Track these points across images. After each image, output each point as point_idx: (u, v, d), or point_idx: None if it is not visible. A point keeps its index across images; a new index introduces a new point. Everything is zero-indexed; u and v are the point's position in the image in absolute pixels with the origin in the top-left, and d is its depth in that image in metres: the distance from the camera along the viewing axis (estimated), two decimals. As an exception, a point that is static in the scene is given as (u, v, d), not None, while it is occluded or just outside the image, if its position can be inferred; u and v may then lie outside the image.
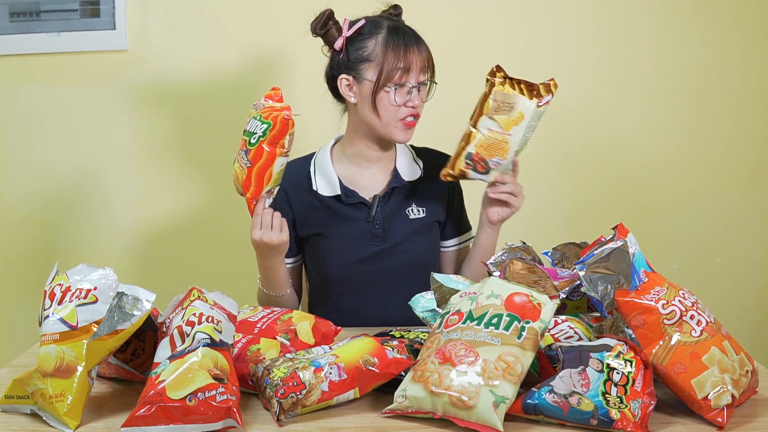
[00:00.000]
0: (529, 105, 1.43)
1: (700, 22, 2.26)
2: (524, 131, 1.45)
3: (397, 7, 1.60)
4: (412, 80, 1.52)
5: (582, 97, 2.27)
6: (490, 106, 1.43)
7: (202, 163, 2.30)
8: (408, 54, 1.51)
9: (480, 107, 1.46)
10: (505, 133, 1.44)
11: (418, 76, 1.53)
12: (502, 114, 1.43)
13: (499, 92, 1.43)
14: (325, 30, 1.54)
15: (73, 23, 2.22)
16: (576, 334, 1.19)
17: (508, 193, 1.51)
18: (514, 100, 1.42)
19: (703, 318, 1.09)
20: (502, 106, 1.43)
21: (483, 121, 1.45)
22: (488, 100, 1.44)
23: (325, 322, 1.31)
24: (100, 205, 2.31)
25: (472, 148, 1.46)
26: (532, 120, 1.45)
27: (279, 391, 1.05)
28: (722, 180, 2.32)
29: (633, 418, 1.00)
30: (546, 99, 1.44)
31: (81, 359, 1.05)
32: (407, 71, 1.51)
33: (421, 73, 1.53)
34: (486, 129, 1.44)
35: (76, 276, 1.11)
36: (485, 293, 1.10)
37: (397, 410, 1.06)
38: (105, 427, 1.05)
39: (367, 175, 1.63)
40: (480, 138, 1.45)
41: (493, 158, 1.46)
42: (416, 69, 1.52)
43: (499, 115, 1.43)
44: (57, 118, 2.28)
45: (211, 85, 2.26)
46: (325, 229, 1.61)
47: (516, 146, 1.46)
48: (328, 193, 1.61)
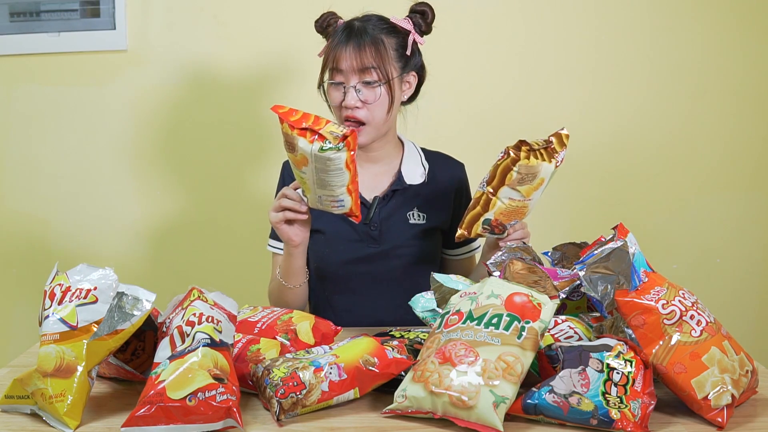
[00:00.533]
0: (549, 168, 1.39)
1: (700, 22, 2.26)
2: (542, 192, 1.42)
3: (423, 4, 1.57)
4: (348, 80, 1.50)
5: (582, 97, 2.27)
6: (514, 178, 1.37)
7: (202, 163, 2.30)
8: (339, 53, 1.49)
9: (501, 177, 1.38)
10: (525, 200, 1.40)
11: (356, 77, 1.49)
12: (525, 185, 1.38)
13: (524, 165, 1.36)
14: (325, 31, 1.56)
15: (73, 23, 2.22)
16: (576, 334, 1.19)
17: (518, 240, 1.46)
18: (537, 169, 1.37)
19: (703, 318, 1.09)
20: (526, 177, 1.37)
21: (504, 191, 1.39)
22: (512, 173, 1.37)
23: (325, 322, 1.31)
24: (100, 205, 2.31)
25: (491, 215, 1.41)
26: (549, 180, 1.42)
27: (279, 391, 1.05)
28: (722, 180, 2.32)
29: (633, 418, 1.00)
30: (561, 156, 1.40)
31: (81, 359, 1.05)
32: (338, 70, 1.50)
33: (357, 74, 1.49)
34: (507, 198, 1.39)
35: (76, 276, 1.11)
36: (485, 293, 1.10)
37: (397, 410, 1.06)
38: (105, 427, 1.05)
39: (369, 174, 1.63)
40: (500, 206, 1.40)
41: (512, 221, 1.43)
42: (348, 69, 1.49)
43: (522, 186, 1.38)
44: (57, 118, 2.28)
45: (211, 85, 2.26)
46: (324, 226, 1.61)
47: (533, 207, 1.44)
48: None
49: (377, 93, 1.50)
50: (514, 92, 2.28)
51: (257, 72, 2.26)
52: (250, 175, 2.31)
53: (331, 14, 1.56)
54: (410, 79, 1.59)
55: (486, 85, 2.28)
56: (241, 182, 2.32)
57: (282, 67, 2.25)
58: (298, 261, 1.54)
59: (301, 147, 1.29)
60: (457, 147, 1.78)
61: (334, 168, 1.30)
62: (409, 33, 1.55)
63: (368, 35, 1.50)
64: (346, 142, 1.27)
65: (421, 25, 1.57)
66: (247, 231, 2.27)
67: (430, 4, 1.58)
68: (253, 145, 2.30)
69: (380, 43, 1.50)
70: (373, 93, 1.50)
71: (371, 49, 1.49)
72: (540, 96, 2.28)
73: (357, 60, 1.48)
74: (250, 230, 2.23)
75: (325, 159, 1.29)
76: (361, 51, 1.49)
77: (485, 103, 2.29)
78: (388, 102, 1.52)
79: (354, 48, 1.49)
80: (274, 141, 2.27)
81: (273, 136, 2.28)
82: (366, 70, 1.49)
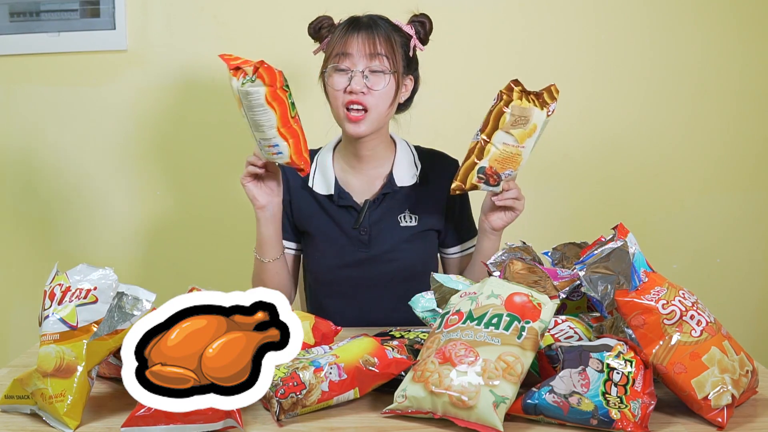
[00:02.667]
0: (541, 115, 1.40)
1: (699, 22, 2.26)
2: (534, 141, 1.43)
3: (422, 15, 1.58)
4: (355, 65, 1.49)
5: (582, 97, 2.27)
6: (507, 120, 1.38)
7: (202, 163, 2.30)
8: (348, 38, 1.49)
9: (495, 121, 1.40)
10: (519, 146, 1.40)
11: (365, 62, 1.49)
12: (518, 128, 1.39)
13: (517, 107, 1.38)
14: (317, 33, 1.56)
15: (73, 23, 2.22)
16: (576, 334, 1.19)
17: (513, 199, 1.48)
18: (529, 113, 1.38)
19: (703, 318, 1.09)
20: (519, 120, 1.38)
21: (498, 136, 1.40)
22: (505, 115, 1.38)
23: (325, 322, 1.31)
24: (100, 205, 2.31)
25: (486, 162, 1.42)
26: (541, 130, 1.42)
27: (279, 391, 1.05)
28: (722, 180, 2.32)
29: (633, 418, 1.00)
30: (552, 107, 1.41)
31: (81, 359, 1.05)
32: (346, 55, 1.49)
33: (366, 60, 1.49)
34: (501, 143, 1.40)
35: (76, 276, 1.11)
36: (485, 293, 1.10)
37: (397, 410, 1.06)
38: (105, 427, 1.05)
39: (361, 177, 1.62)
40: (494, 152, 1.41)
41: (506, 171, 1.43)
42: (358, 54, 1.49)
43: (516, 129, 1.39)
44: (56, 118, 2.28)
45: (211, 85, 2.26)
46: (316, 229, 1.61)
47: (527, 157, 1.44)
48: (323, 192, 1.61)
49: (385, 81, 1.50)
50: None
51: (257, 72, 2.26)
52: (250, 175, 2.31)
53: (326, 18, 1.56)
54: (408, 81, 1.59)
55: (486, 86, 2.27)
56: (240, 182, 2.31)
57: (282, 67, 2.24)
58: (266, 229, 1.53)
59: (233, 86, 1.33)
60: (457, 147, 1.78)
61: (256, 104, 1.33)
62: (411, 37, 1.56)
63: (379, 26, 1.51)
64: (258, 74, 1.30)
65: (420, 33, 1.57)
66: (247, 231, 2.26)
67: (428, 16, 1.58)
68: (253, 144, 2.29)
69: (391, 35, 1.52)
70: (381, 80, 1.50)
71: (383, 36, 1.50)
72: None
73: (369, 45, 1.49)
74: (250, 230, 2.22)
75: (246, 94, 1.32)
76: (374, 38, 1.49)
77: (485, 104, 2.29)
78: (393, 93, 1.52)
79: (366, 35, 1.49)
80: (274, 141, 2.27)
81: (273, 136, 2.28)
82: (377, 56, 1.49)
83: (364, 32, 1.49)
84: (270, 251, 1.56)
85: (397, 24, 1.56)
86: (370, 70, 1.49)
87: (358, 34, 1.49)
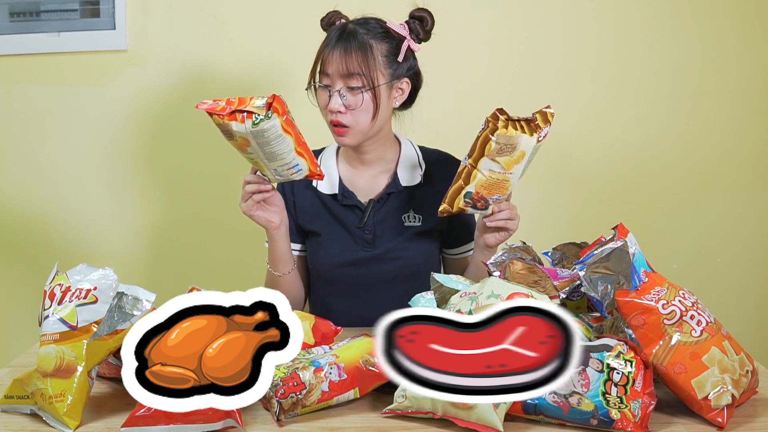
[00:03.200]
0: (530, 142, 1.38)
1: (699, 22, 2.25)
2: (524, 166, 1.42)
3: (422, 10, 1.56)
4: (334, 83, 1.49)
5: (582, 97, 2.27)
6: (492, 148, 1.37)
7: (202, 163, 2.30)
8: (327, 56, 1.49)
9: (480, 149, 1.39)
10: (506, 173, 1.39)
11: (342, 81, 1.48)
12: (504, 156, 1.38)
13: (502, 135, 1.36)
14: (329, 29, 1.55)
15: (73, 23, 2.22)
16: (576, 334, 1.19)
17: (505, 219, 1.46)
18: (516, 140, 1.36)
19: (703, 318, 1.09)
20: (505, 148, 1.37)
21: (484, 162, 1.39)
22: (490, 143, 1.37)
23: (325, 322, 1.31)
24: (100, 205, 2.31)
25: (472, 187, 1.41)
26: (532, 155, 1.41)
27: (279, 391, 1.05)
28: (722, 180, 2.32)
29: (633, 418, 1.00)
30: (545, 131, 1.39)
31: (81, 359, 1.05)
32: (325, 73, 1.49)
33: (343, 78, 1.48)
34: (487, 170, 1.39)
35: (76, 276, 1.11)
36: (485, 293, 1.10)
37: (397, 410, 1.06)
38: (105, 427, 1.05)
39: (366, 177, 1.62)
40: (481, 178, 1.40)
41: (494, 196, 1.42)
42: (335, 73, 1.48)
43: (502, 157, 1.38)
44: (57, 118, 2.28)
45: (211, 85, 2.26)
46: (320, 228, 1.61)
47: (516, 182, 1.43)
48: (327, 191, 1.61)
49: (360, 99, 1.48)
50: (515, 93, 2.28)
51: (257, 72, 2.26)
52: (250, 175, 2.31)
53: (336, 13, 1.56)
54: (402, 85, 1.56)
55: (486, 86, 2.28)
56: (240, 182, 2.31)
57: (282, 67, 2.25)
58: (282, 245, 1.54)
59: (237, 130, 1.32)
60: (458, 148, 1.77)
61: (273, 137, 1.33)
62: (404, 39, 1.53)
63: (357, 40, 1.48)
64: (272, 108, 1.30)
65: (419, 32, 1.56)
66: (247, 231, 2.26)
67: (429, 11, 1.56)
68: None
69: (368, 48, 1.48)
70: (357, 99, 1.49)
71: (357, 54, 1.47)
72: (540, 97, 2.26)
73: (343, 65, 1.47)
74: (250, 230, 2.22)
75: (261, 132, 1.32)
76: (347, 56, 1.47)
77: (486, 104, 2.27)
78: (373, 108, 1.50)
79: (341, 52, 1.47)
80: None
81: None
82: (351, 75, 1.47)
83: (340, 48, 1.48)
84: (287, 264, 1.58)
85: (388, 27, 1.53)
86: (347, 88, 1.49)
87: (334, 50, 1.48)
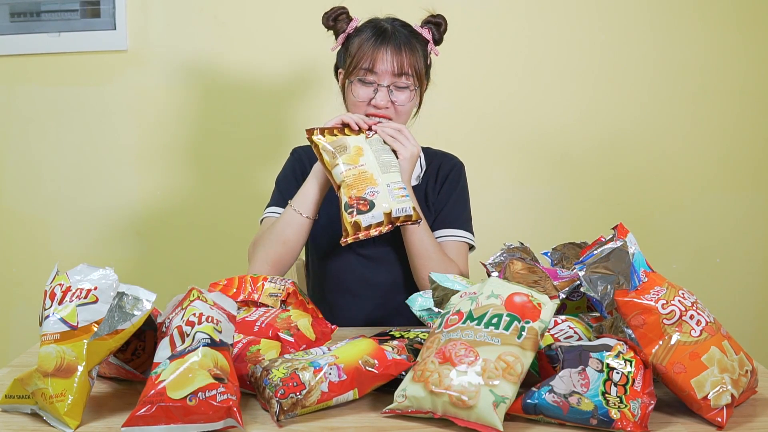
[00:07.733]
0: (358, 139, 1.42)
1: (700, 22, 2.26)
2: (375, 156, 1.42)
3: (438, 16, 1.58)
4: (381, 80, 1.50)
5: (582, 97, 2.27)
6: (326, 159, 1.41)
7: (203, 164, 2.30)
8: (376, 52, 1.49)
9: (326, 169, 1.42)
10: (357, 166, 1.40)
11: (391, 78, 1.50)
12: (342, 155, 1.40)
13: (322, 145, 1.41)
14: (335, 24, 1.55)
15: (74, 23, 2.22)
16: (576, 334, 1.20)
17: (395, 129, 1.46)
18: (340, 142, 1.41)
19: (703, 318, 1.09)
20: (337, 150, 1.40)
21: (335, 173, 1.40)
22: (323, 157, 1.41)
23: (321, 320, 1.32)
24: (100, 205, 2.31)
25: (344, 197, 1.39)
26: (374, 146, 1.43)
27: (279, 391, 1.05)
28: (722, 180, 2.33)
29: (633, 417, 1.00)
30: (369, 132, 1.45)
31: (81, 359, 1.05)
32: (372, 69, 1.50)
33: (393, 76, 1.50)
34: (341, 174, 1.39)
35: (77, 276, 1.11)
36: (485, 293, 1.10)
37: (397, 410, 1.06)
38: (105, 427, 1.05)
39: None
40: (342, 184, 1.39)
41: (365, 191, 1.39)
42: (384, 70, 1.49)
43: (341, 157, 1.40)
44: (57, 118, 2.28)
45: (211, 85, 2.26)
46: (323, 227, 1.61)
47: (377, 169, 1.41)
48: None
49: (408, 96, 1.52)
50: (517, 93, 2.28)
51: (257, 72, 2.26)
52: (250, 175, 2.31)
53: (342, 9, 1.56)
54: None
55: (489, 87, 2.29)
56: (241, 182, 2.32)
57: (282, 67, 2.25)
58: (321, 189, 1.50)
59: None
60: (459, 148, 1.78)
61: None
62: (428, 42, 1.56)
63: (405, 40, 1.51)
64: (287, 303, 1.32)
65: (436, 36, 1.58)
66: (248, 231, 2.26)
67: (444, 16, 1.58)
68: (253, 144, 2.30)
69: (416, 49, 1.52)
70: (404, 96, 1.52)
71: (408, 54, 1.50)
72: (542, 97, 2.28)
73: (397, 64, 1.49)
74: (251, 230, 2.23)
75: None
76: (400, 55, 1.50)
77: (488, 105, 2.29)
78: (416, 107, 1.55)
79: (394, 52, 1.49)
80: (274, 140, 2.27)
81: (273, 136, 2.29)
82: (403, 74, 1.50)
83: (391, 48, 1.49)
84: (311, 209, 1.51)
85: (416, 30, 1.56)
86: (395, 86, 1.51)
87: (386, 50, 1.49)
